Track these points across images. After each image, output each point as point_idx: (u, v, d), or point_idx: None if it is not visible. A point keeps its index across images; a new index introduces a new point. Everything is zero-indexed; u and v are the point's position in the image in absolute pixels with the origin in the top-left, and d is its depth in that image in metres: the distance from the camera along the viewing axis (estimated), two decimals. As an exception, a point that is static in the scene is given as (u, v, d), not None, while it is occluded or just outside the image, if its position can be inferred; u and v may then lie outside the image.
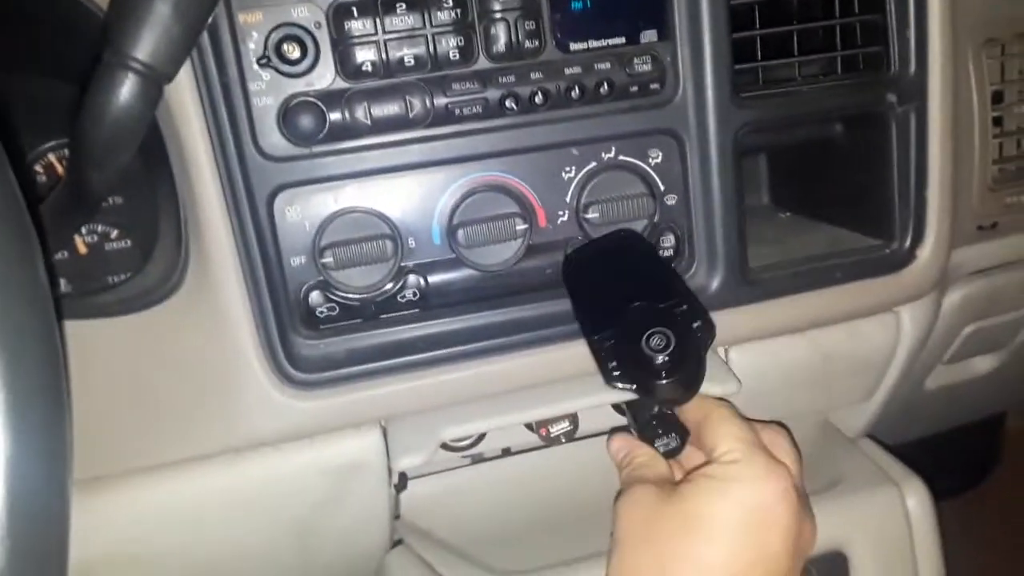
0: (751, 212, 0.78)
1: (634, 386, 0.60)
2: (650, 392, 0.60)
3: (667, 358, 0.58)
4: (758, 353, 0.77)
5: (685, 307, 0.62)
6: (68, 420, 0.43)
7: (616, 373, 0.60)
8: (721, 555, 0.57)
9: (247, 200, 0.62)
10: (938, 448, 1.37)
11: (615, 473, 0.72)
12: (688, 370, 0.60)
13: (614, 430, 0.74)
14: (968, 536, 1.57)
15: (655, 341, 0.59)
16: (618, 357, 0.60)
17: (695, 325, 0.61)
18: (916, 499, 0.84)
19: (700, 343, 0.61)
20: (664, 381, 0.58)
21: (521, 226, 0.67)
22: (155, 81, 0.50)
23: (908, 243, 0.76)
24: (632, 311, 0.62)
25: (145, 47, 0.48)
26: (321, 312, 0.66)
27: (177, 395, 0.64)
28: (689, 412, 0.66)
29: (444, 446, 0.78)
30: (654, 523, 0.60)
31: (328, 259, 0.64)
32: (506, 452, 0.83)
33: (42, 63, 0.65)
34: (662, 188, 0.70)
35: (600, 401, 0.74)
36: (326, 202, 0.65)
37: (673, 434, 0.70)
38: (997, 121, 0.83)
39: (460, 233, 0.66)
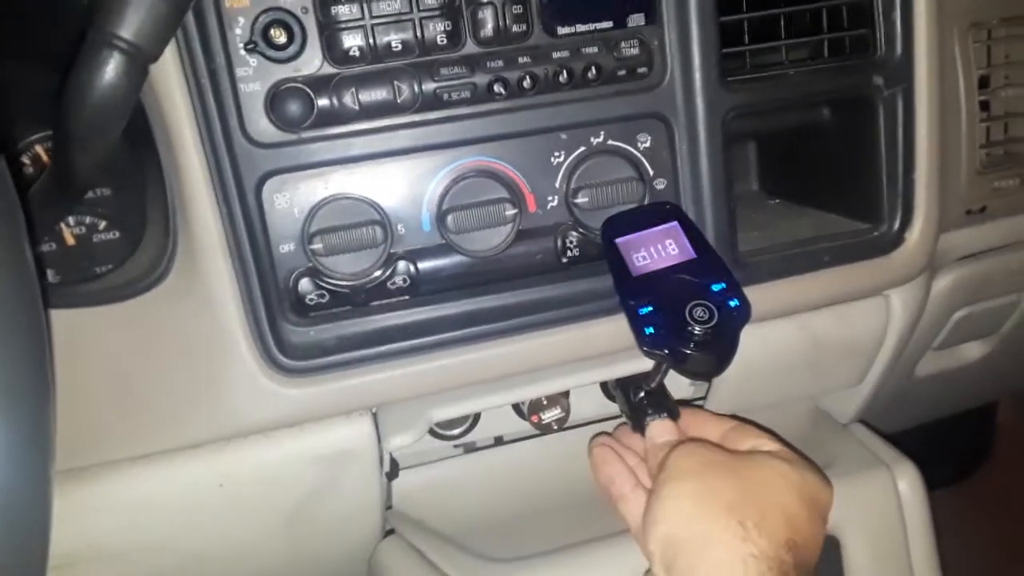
0: (741, 199, 0.78)
1: (666, 353, 0.61)
2: (682, 362, 0.62)
3: (708, 331, 0.60)
4: (748, 338, 0.76)
5: (724, 285, 0.63)
6: (52, 408, 0.43)
7: (652, 339, 0.61)
8: (798, 509, 0.61)
9: (235, 187, 0.62)
10: (930, 439, 1.37)
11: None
12: (723, 346, 0.62)
13: (599, 433, 0.76)
14: (959, 527, 1.57)
15: (698, 313, 0.61)
16: (656, 324, 0.62)
17: (732, 304, 0.62)
18: (907, 482, 0.85)
19: (737, 322, 0.63)
20: (701, 353, 0.60)
21: (511, 211, 0.67)
22: (140, 61, 0.50)
23: (896, 226, 0.77)
24: (672, 282, 0.64)
25: (130, 26, 0.48)
26: (311, 299, 0.66)
27: (165, 383, 0.63)
28: (711, 426, 0.70)
29: (436, 434, 0.78)
30: (722, 458, 0.64)
31: (317, 246, 0.64)
32: (498, 441, 0.83)
33: (29, 50, 0.65)
34: (651, 172, 0.70)
35: (591, 379, 0.74)
36: (315, 188, 0.64)
37: (664, 413, 0.70)
38: (984, 105, 0.83)
39: (449, 219, 0.66)
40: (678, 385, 0.81)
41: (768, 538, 0.57)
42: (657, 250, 0.66)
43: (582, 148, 0.68)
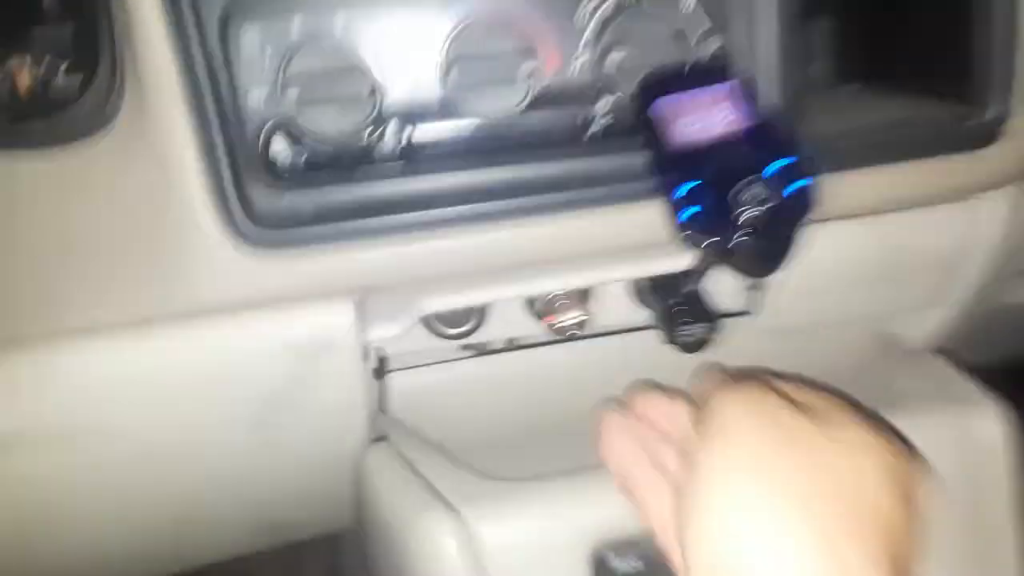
0: (811, 82, 0.66)
1: (710, 242, 0.50)
2: (728, 255, 0.50)
3: (761, 217, 0.49)
4: (809, 240, 0.66)
5: (784, 164, 0.51)
6: None
7: (692, 224, 0.50)
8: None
9: (193, 18, 0.51)
10: (1010, 377, 1.24)
11: (630, 374, 0.62)
12: (779, 237, 0.50)
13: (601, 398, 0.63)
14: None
15: (750, 194, 0.49)
16: (698, 206, 0.50)
17: (793, 187, 0.50)
18: (991, 423, 0.72)
19: (798, 209, 0.50)
20: (751, 243, 0.49)
21: (528, 67, 0.56)
22: None
23: (994, 115, 0.64)
24: (721, 157, 0.51)
25: None
26: (285, 158, 0.56)
27: (112, 246, 0.54)
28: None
29: (436, 331, 0.69)
30: (789, 429, 0.47)
31: (293, 94, 0.53)
32: (510, 346, 0.74)
33: None
34: (703, 28, 0.58)
35: (617, 275, 0.65)
36: (292, 25, 0.54)
37: (700, 324, 0.60)
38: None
39: (454, 72, 0.55)
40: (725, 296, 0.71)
41: (863, 554, 0.43)
42: (704, 117, 0.54)
43: (619, -5, 0.57)
